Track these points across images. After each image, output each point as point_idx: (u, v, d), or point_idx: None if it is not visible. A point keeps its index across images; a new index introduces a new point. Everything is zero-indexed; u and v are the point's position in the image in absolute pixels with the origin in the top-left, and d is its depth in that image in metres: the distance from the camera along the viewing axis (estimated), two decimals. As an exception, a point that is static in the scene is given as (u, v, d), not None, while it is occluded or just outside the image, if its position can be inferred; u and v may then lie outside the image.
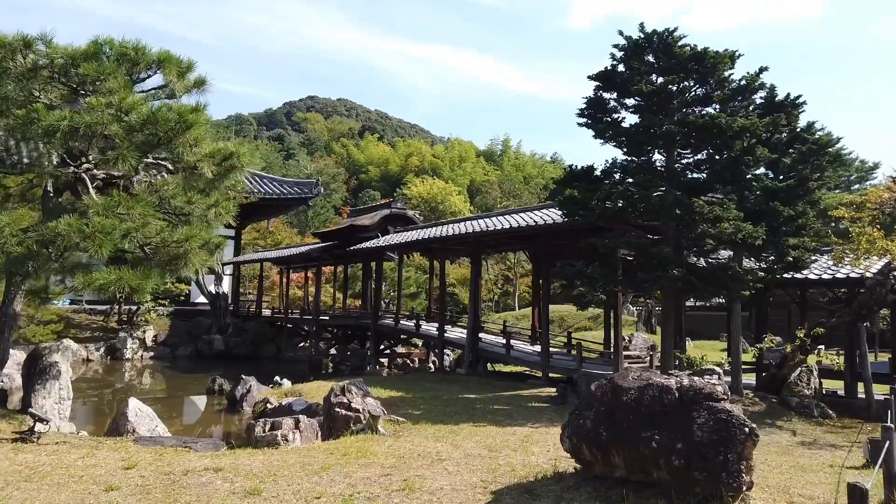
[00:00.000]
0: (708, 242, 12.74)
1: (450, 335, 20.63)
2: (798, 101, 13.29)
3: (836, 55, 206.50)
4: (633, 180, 13.10)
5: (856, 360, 13.26)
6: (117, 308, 28.25)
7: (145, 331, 27.70)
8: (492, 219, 20.05)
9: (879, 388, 13.15)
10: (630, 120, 13.87)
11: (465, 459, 7.84)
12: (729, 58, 12.74)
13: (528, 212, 19.02)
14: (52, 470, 6.61)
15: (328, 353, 28.11)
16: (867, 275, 12.70)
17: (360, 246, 24.24)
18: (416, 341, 25.85)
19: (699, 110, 13.30)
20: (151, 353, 27.18)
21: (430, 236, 20.90)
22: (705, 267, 12.79)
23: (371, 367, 22.95)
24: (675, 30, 12.96)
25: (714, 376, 7.81)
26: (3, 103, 9.22)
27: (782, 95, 13.55)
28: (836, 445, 9.77)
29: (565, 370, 15.83)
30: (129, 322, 27.96)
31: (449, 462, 7.69)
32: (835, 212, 13.51)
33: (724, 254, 13.80)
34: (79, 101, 9.97)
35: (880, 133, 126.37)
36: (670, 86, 12.74)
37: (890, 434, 6.33)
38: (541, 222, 16.25)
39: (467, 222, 21.28)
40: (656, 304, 31.37)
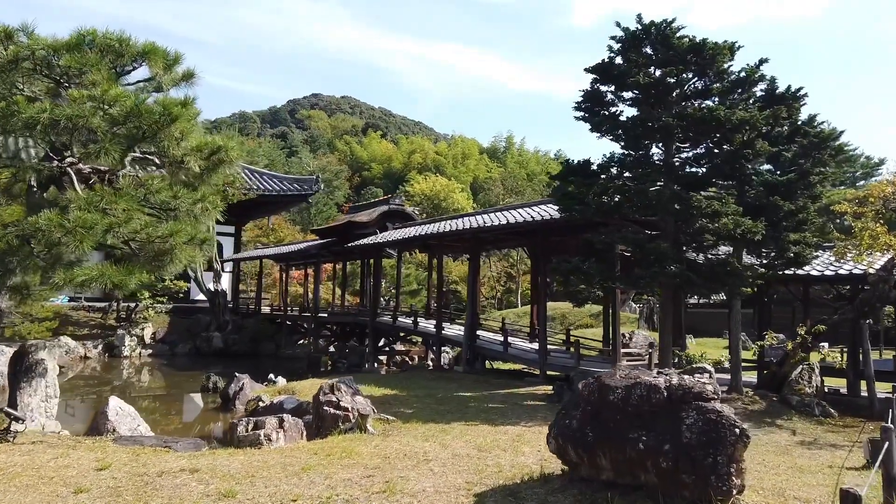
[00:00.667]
0: (707, 238, 12.48)
1: (447, 332, 20.40)
2: (799, 94, 12.99)
3: (840, 52, 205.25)
4: (631, 174, 12.85)
5: (859, 357, 12.99)
6: (116, 305, 28.15)
7: (144, 328, 27.55)
8: (489, 215, 19.80)
9: (883, 386, 12.91)
10: (628, 113, 13.64)
11: (452, 460, 7.63)
12: (728, 49, 12.46)
13: (525, 207, 18.78)
14: (22, 471, 6.42)
15: (327, 350, 27.96)
16: (870, 271, 12.43)
17: (358, 243, 24.04)
18: (417, 339, 25.66)
19: (698, 103, 13.04)
20: (150, 350, 27.03)
21: (426, 232, 20.68)
22: (704, 263, 12.53)
23: (369, 365, 22.77)
24: (672, 21, 12.68)
25: (705, 375, 7.57)
26: (-17, 95, 9.02)
27: (783, 88, 13.26)
28: (836, 445, 9.52)
29: (563, 368, 15.60)
30: (127, 319, 27.83)
31: (435, 463, 7.47)
32: (837, 207, 13.22)
33: (725, 250, 13.55)
34: (63, 95, 9.80)
35: (886, 129, 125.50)
36: (668, 78, 12.46)
37: (889, 435, 6.08)
38: (538, 218, 16.01)
39: (464, 218, 21.04)
40: (658, 300, 31.08)
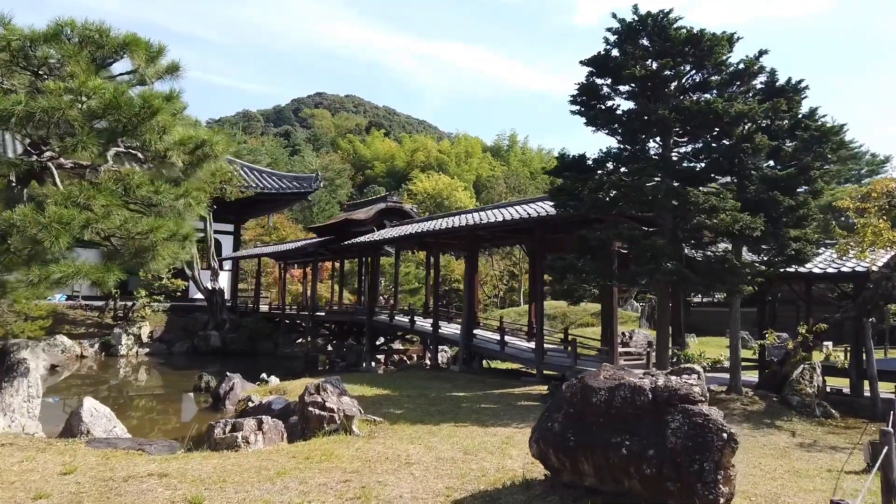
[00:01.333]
0: (705, 234, 12.17)
1: (444, 331, 20.12)
2: (800, 86, 12.63)
3: (846, 50, 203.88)
4: (627, 169, 12.55)
5: (862, 356, 12.65)
6: (113, 304, 27.96)
7: (141, 327, 27.34)
8: (486, 212, 19.52)
9: (887, 386, 12.58)
10: (624, 107, 13.31)
11: (435, 463, 7.36)
12: (727, 40, 12.14)
13: (522, 204, 18.48)
14: (-17, 475, 6.19)
15: (325, 349, 27.73)
16: (873, 268, 12.09)
17: (354, 240, 23.78)
18: (416, 338, 25.38)
19: (696, 96, 12.72)
20: (147, 349, 26.83)
21: (422, 230, 20.42)
22: (702, 260, 12.22)
23: (366, 364, 22.51)
24: (669, 12, 12.36)
25: (693, 376, 7.27)
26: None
27: (783, 81, 12.92)
28: (836, 447, 9.21)
29: (559, 367, 15.30)
30: (124, 318, 27.64)
31: (417, 466, 7.21)
32: (839, 202, 12.88)
33: (725, 247, 13.23)
34: (40, 87, 9.57)
35: (891, 126, 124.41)
36: (665, 70, 12.12)
37: (888, 439, 5.77)
38: (534, 215, 15.72)
39: (461, 216, 20.76)
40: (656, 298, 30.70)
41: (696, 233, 12.13)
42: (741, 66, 12.48)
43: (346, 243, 24.12)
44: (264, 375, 17.07)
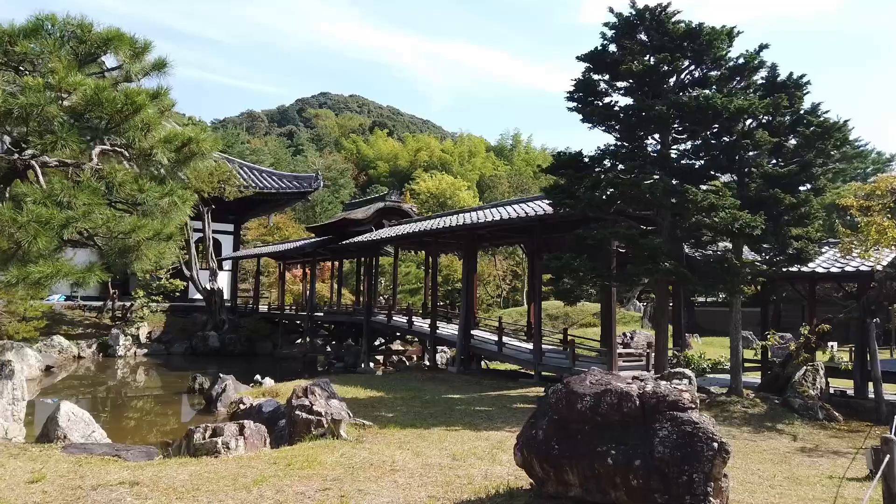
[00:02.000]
0: (704, 233, 11.90)
1: (442, 332, 19.87)
2: (801, 82, 12.33)
3: (854, 48, 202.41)
4: (624, 167, 12.28)
5: (866, 358, 12.35)
6: (111, 304, 27.80)
7: (139, 327, 27.17)
8: (484, 211, 19.26)
9: (892, 387, 12.28)
10: (622, 103, 13.02)
11: (420, 470, 7.12)
12: (726, 35, 11.85)
13: (521, 203, 18.21)
14: (-53, 484, 5.97)
15: (324, 350, 27.50)
16: (877, 268, 11.79)
17: (352, 240, 23.55)
18: (416, 338, 25.13)
19: (696, 93, 12.43)
20: (145, 350, 26.64)
21: (420, 230, 20.16)
22: (701, 259, 11.94)
23: (365, 365, 22.27)
24: (667, 5, 12.09)
25: (684, 381, 6.99)
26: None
27: (784, 76, 12.62)
28: (839, 452, 8.94)
29: (557, 369, 15.04)
30: (123, 319, 27.47)
31: (402, 474, 6.96)
32: (842, 200, 12.57)
33: (726, 246, 12.94)
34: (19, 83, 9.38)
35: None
36: (663, 65, 11.85)
37: (891, 447, 5.51)
38: (532, 214, 15.45)
39: (460, 215, 20.51)
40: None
41: (695, 231, 11.86)
42: (741, 60, 12.20)
43: (344, 243, 23.90)
44: (258, 377, 16.86)
